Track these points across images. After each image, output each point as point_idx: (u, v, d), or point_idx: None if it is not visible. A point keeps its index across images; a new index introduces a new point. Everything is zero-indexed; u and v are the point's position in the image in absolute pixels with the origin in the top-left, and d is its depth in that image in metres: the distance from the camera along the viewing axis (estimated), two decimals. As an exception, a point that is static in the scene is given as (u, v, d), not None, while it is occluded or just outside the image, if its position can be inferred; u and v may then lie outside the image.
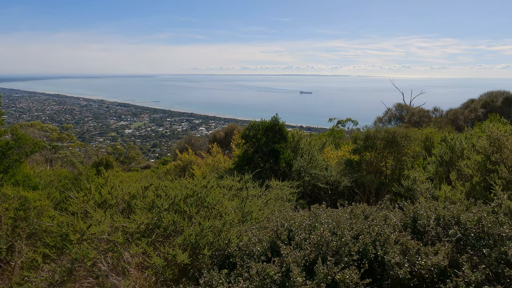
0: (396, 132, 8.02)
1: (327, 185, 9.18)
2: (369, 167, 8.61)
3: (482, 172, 6.80)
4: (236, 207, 5.05)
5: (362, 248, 3.59)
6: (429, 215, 4.18)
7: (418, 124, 21.87)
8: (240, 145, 9.21)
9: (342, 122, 26.95)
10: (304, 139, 10.16)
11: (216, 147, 10.91)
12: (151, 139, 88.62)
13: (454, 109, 25.01)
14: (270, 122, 9.17)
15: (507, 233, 3.80)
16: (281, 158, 8.80)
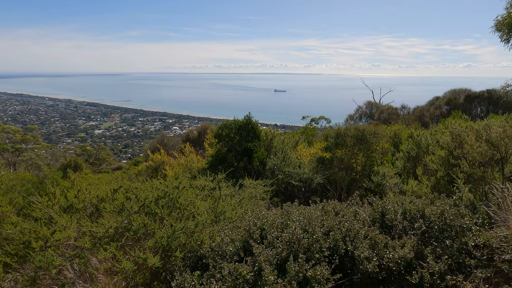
0: (365, 129, 8.26)
1: (300, 182, 9.30)
2: (341, 164, 8.81)
3: (445, 166, 7.12)
4: (209, 208, 5.00)
5: (333, 244, 3.66)
6: (396, 210, 4.33)
7: (387, 121, 22.62)
8: (213, 144, 9.15)
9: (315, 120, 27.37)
10: (278, 137, 10.23)
11: (189, 147, 10.76)
12: (123, 140, 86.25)
13: (421, 107, 26.06)
14: (243, 121, 9.16)
15: (467, 225, 4.00)
16: (254, 157, 8.82)
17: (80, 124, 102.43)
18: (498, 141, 5.27)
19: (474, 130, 5.71)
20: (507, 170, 5.61)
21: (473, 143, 5.65)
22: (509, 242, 3.71)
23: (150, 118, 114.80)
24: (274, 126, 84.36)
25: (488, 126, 5.54)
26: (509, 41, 11.86)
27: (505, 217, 3.96)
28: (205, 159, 10.19)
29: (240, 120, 9.25)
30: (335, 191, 8.98)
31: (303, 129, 19.51)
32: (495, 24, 12.15)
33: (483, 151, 5.55)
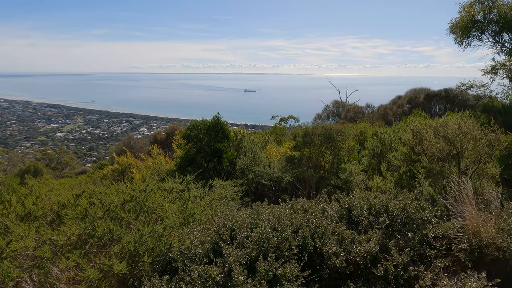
0: (332, 128, 8.47)
1: (271, 181, 9.37)
2: (309, 162, 8.97)
3: (407, 162, 7.44)
4: (178, 210, 4.92)
5: (302, 241, 3.72)
6: (362, 205, 4.47)
7: (353, 120, 23.33)
8: (182, 145, 9.00)
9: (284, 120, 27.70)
10: (247, 137, 10.24)
11: (156, 149, 10.51)
12: (87, 142, 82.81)
13: (384, 105, 27.11)
14: (212, 122, 9.08)
15: (427, 217, 4.21)
16: (224, 157, 8.77)
17: (40, 127, 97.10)
18: (454, 137, 5.59)
19: (432, 128, 6.03)
20: (462, 165, 5.95)
21: (431, 139, 5.96)
22: (465, 232, 3.95)
23: (116, 120, 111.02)
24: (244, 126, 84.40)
25: (445, 123, 5.86)
26: (462, 43, 12.64)
27: (461, 209, 4.20)
28: (173, 161, 10.01)
29: (209, 120, 9.17)
30: (305, 189, 9.13)
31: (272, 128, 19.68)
32: (450, 27, 12.91)
33: (441, 147, 5.87)
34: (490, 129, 5.79)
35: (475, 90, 15.08)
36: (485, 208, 4.41)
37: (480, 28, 12.03)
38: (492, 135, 5.60)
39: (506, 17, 11.15)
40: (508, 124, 7.08)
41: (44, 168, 25.39)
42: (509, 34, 11.95)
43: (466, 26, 12.12)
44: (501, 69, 13.32)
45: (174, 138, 10.96)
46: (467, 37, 12.45)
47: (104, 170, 13.23)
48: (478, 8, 12.01)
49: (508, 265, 3.74)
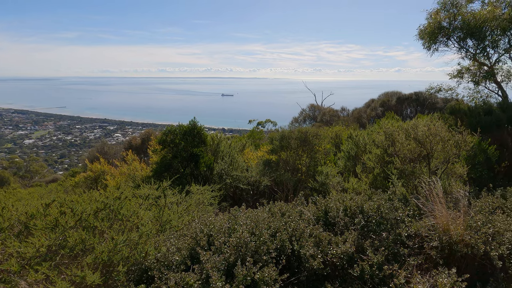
0: (308, 131, 8.59)
1: (249, 185, 9.36)
2: (286, 166, 9.04)
3: (381, 164, 7.64)
4: (154, 217, 4.82)
5: (280, 244, 3.73)
6: (338, 207, 4.55)
7: (329, 123, 23.77)
8: (158, 151, 8.84)
9: (262, 123, 27.83)
10: (224, 141, 10.20)
11: (131, 155, 10.26)
12: (58, 149, 79.74)
13: (358, 108, 27.80)
14: (188, 126, 8.98)
15: (401, 217, 4.34)
16: (201, 162, 8.68)
17: (7, 133, 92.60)
18: (424, 138, 5.80)
19: (404, 130, 6.23)
20: (433, 165, 6.18)
21: (403, 141, 6.16)
22: (436, 230, 4.09)
23: (89, 125, 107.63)
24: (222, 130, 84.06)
25: (415, 125, 6.08)
26: (430, 48, 13.20)
27: (432, 208, 4.36)
28: (149, 167, 9.81)
29: (185, 125, 9.06)
30: (282, 192, 9.19)
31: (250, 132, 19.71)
32: (418, 33, 13.46)
33: (412, 148, 6.07)
34: (457, 131, 6.06)
35: (443, 93, 15.78)
36: (454, 206, 4.60)
37: (446, 34, 12.61)
38: (459, 136, 5.86)
39: (470, 24, 11.76)
40: (473, 125, 7.44)
41: (11, 177, 24.21)
42: (472, 40, 12.59)
43: (433, 32, 12.68)
44: (466, 73, 14.03)
45: (150, 144, 10.75)
46: (434, 42, 13.03)
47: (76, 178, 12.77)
48: (444, 15, 12.60)
49: (476, 260, 3.91)
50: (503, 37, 12.33)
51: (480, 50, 12.73)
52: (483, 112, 8.98)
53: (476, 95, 14.16)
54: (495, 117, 8.43)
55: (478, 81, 13.71)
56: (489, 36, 12.05)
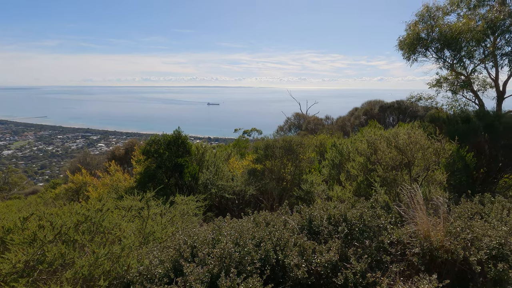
0: (292, 140, 8.66)
1: (234, 195, 9.33)
2: (271, 175, 9.07)
3: (364, 171, 7.76)
4: (137, 229, 4.74)
5: (264, 255, 3.72)
6: (322, 216, 4.59)
7: (314, 131, 24.02)
8: (141, 161, 8.73)
9: (248, 132, 27.87)
10: (209, 151, 10.16)
11: (114, 165, 10.09)
12: (39, 160, 77.58)
13: (343, 117, 28.25)
14: (172, 136, 8.92)
15: (383, 224, 4.40)
16: (186, 172, 8.61)
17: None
18: (404, 147, 5.94)
19: (385, 138, 6.37)
20: (414, 172, 6.32)
21: (385, 149, 6.29)
22: (417, 237, 4.17)
23: (71, 135, 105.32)
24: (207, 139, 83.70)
25: (396, 134, 6.22)
26: (409, 58, 13.61)
27: (413, 215, 4.45)
28: (133, 177, 9.66)
29: (170, 135, 8.99)
30: (268, 201, 9.19)
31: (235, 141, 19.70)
32: (398, 43, 13.87)
33: (394, 156, 6.20)
34: (436, 139, 6.23)
35: (423, 102, 16.24)
36: (434, 213, 4.71)
37: (424, 45, 13.04)
38: (438, 144, 6.03)
39: (446, 35, 12.21)
40: (452, 133, 7.67)
41: (-12, 190, 23.32)
42: (449, 51, 13.06)
43: (412, 43, 13.10)
44: (444, 82, 14.52)
45: (133, 154, 10.60)
46: (414, 53, 13.45)
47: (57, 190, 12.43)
48: (422, 26, 13.04)
49: (456, 266, 4.00)
50: (478, 48, 12.83)
51: (457, 61, 13.20)
52: (461, 120, 9.28)
53: (454, 104, 14.64)
54: (472, 125, 8.72)
55: (456, 90, 14.20)
56: (465, 47, 12.53)
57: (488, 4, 12.77)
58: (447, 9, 13.38)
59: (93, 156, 26.48)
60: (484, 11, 12.72)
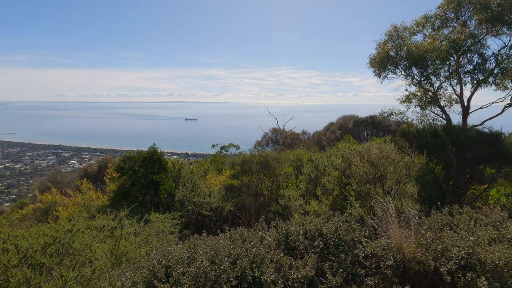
0: (269, 156, 8.73)
1: (211, 211, 9.21)
2: (249, 190, 9.05)
3: (340, 185, 7.91)
4: (109, 249, 4.58)
5: (241, 272, 3.68)
6: (298, 230, 4.61)
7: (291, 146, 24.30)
8: (115, 178, 8.50)
9: (225, 148, 27.80)
10: (186, 167, 10.04)
11: (86, 183, 9.76)
12: (5, 179, 73.79)
13: (319, 131, 28.81)
14: (147, 152, 8.77)
15: (358, 238, 4.47)
16: (161, 189, 8.45)
17: None
18: (376, 161, 6.12)
19: (358, 153, 6.54)
20: (386, 186, 6.50)
21: (358, 163, 6.45)
22: (390, 249, 4.26)
23: (41, 153, 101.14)
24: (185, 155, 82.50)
25: (369, 148, 6.41)
26: (380, 75, 14.21)
27: (386, 228, 4.55)
28: (106, 196, 9.37)
29: (145, 151, 8.84)
30: (245, 218, 9.13)
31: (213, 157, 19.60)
32: (369, 61, 14.48)
33: (367, 170, 6.37)
34: (406, 153, 6.47)
35: (394, 116, 16.92)
36: (406, 225, 4.83)
37: (394, 63, 13.69)
38: (408, 158, 6.26)
39: (413, 54, 12.88)
40: (421, 147, 8.00)
41: None
42: (417, 69, 13.76)
43: (382, 61, 13.72)
44: (414, 98, 15.22)
45: (107, 171, 10.31)
46: (384, 70, 14.08)
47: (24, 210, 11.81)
48: (391, 45, 13.71)
49: (428, 276, 4.10)
50: (443, 66, 13.60)
51: (424, 78, 13.91)
52: (430, 134, 9.69)
53: (423, 119, 15.32)
54: (440, 139, 9.12)
55: (424, 106, 14.90)
56: (431, 65, 13.25)
57: (451, 26, 13.63)
58: (414, 29, 14.16)
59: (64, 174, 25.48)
60: (447, 31, 13.56)
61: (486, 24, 12.70)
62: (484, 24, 12.75)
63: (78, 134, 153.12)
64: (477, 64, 13.41)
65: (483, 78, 13.35)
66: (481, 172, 9.16)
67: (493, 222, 5.02)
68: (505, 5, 12.05)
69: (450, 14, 13.52)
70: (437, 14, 13.73)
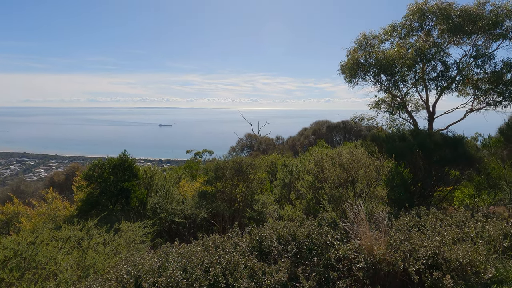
0: (242, 161, 8.72)
1: (185, 219, 9.05)
2: (223, 196, 8.98)
3: (313, 190, 8.00)
4: (75, 261, 4.38)
5: (213, 280, 3.63)
6: (272, 236, 4.61)
7: (266, 151, 24.42)
8: (83, 187, 8.17)
9: (199, 154, 27.51)
10: (159, 174, 9.83)
11: (52, 192, 9.31)
12: (-37, 190, 69.18)
13: (293, 137, 29.18)
14: (118, 159, 8.50)
15: (330, 241, 4.53)
16: (132, 197, 8.21)
17: None
18: (348, 165, 6.26)
19: (330, 157, 6.67)
20: (358, 189, 6.65)
21: (330, 168, 6.57)
22: (361, 252, 4.34)
23: (4, 161, 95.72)
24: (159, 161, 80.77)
25: (340, 153, 6.55)
26: (351, 82, 14.63)
27: (358, 230, 4.64)
28: (74, 205, 8.98)
29: (115, 158, 8.57)
30: (219, 224, 9.04)
31: (187, 163, 19.33)
32: (340, 68, 14.87)
33: (339, 174, 6.50)
34: (376, 157, 6.67)
35: (365, 122, 17.44)
36: (377, 227, 4.95)
37: (363, 69, 14.16)
38: (378, 161, 6.44)
39: (382, 61, 13.38)
40: (390, 151, 8.26)
41: None
42: (385, 75, 14.29)
43: (352, 68, 14.15)
44: (383, 104, 15.79)
45: (74, 179, 9.90)
46: (354, 77, 14.53)
47: (-16, 222, 11.09)
48: (361, 53, 14.18)
49: (397, 277, 4.21)
50: (409, 73, 14.21)
51: (392, 84, 14.46)
52: (398, 138, 10.04)
53: (392, 123, 15.90)
54: (408, 143, 9.47)
55: (393, 111, 15.48)
56: (398, 72, 13.81)
57: (416, 35, 14.28)
58: (382, 37, 14.72)
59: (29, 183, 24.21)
60: (413, 40, 14.19)
61: (448, 34, 13.43)
62: (446, 33, 13.47)
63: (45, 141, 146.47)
64: (441, 72, 14.13)
65: (446, 85, 14.08)
66: (446, 174, 9.58)
67: (457, 222, 5.24)
68: (465, 16, 12.79)
69: (416, 24, 14.19)
70: (403, 23, 14.37)
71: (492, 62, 13.62)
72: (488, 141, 10.90)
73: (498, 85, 13.43)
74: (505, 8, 12.60)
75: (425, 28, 14.02)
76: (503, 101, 13.65)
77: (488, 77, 13.65)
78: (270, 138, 29.67)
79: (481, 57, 13.63)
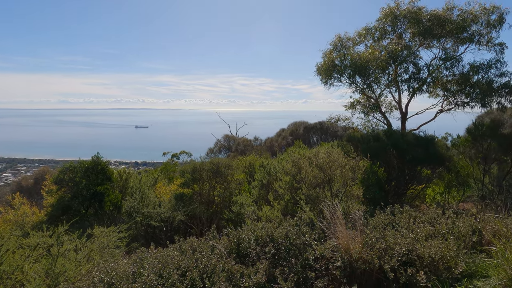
0: (220, 163, 8.65)
1: (161, 222, 8.86)
2: (200, 198, 8.86)
3: (291, 190, 8.04)
4: (44, 270, 4.18)
5: (190, 284, 3.55)
6: (250, 237, 4.58)
7: (244, 152, 24.36)
8: (53, 191, 7.83)
9: (177, 155, 27.09)
10: (134, 177, 9.58)
11: (19, 198, 8.87)
12: None
13: (271, 138, 29.28)
14: (90, 162, 8.22)
15: (308, 241, 4.55)
16: (106, 200, 7.95)
17: None
18: (324, 165, 6.33)
19: (307, 158, 6.72)
20: (334, 189, 6.74)
21: (307, 168, 6.62)
22: (338, 251, 4.39)
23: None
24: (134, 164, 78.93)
25: (317, 153, 6.61)
26: (327, 83, 14.87)
27: (335, 230, 4.69)
28: (43, 211, 8.60)
29: (87, 161, 8.27)
30: (197, 227, 8.92)
31: (163, 165, 18.98)
32: (316, 69, 15.09)
33: (315, 174, 6.56)
34: (352, 157, 6.78)
35: (341, 122, 17.79)
36: (353, 226, 5.03)
37: (339, 71, 14.43)
38: (353, 161, 6.55)
39: (356, 63, 13.70)
40: (365, 151, 8.45)
41: None
42: (360, 77, 14.63)
43: (328, 69, 14.40)
44: (358, 105, 16.16)
45: (44, 184, 9.49)
46: (330, 78, 14.79)
47: None
48: (336, 54, 14.45)
49: (373, 275, 4.28)
50: (383, 75, 14.62)
51: (367, 86, 14.82)
52: (373, 139, 10.29)
53: (367, 124, 16.29)
54: (382, 143, 9.72)
55: (367, 112, 15.87)
56: (372, 74, 14.17)
57: (389, 37, 14.71)
58: (356, 40, 15.06)
59: (-5, 189, 23.01)
60: (386, 43, 14.61)
61: (419, 37, 13.92)
62: (417, 37, 13.96)
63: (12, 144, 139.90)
64: (413, 74, 14.63)
65: (417, 86, 14.58)
66: (418, 173, 9.91)
67: (429, 219, 5.41)
68: (434, 20, 13.30)
69: (388, 27, 14.62)
70: (377, 26, 14.77)
71: (460, 64, 14.26)
72: (457, 140, 11.38)
73: (465, 86, 14.06)
74: (471, 13, 13.22)
75: (397, 31, 14.47)
76: (470, 102, 14.30)
77: (457, 79, 14.26)
78: (248, 139, 29.65)
79: (450, 60, 14.21)
